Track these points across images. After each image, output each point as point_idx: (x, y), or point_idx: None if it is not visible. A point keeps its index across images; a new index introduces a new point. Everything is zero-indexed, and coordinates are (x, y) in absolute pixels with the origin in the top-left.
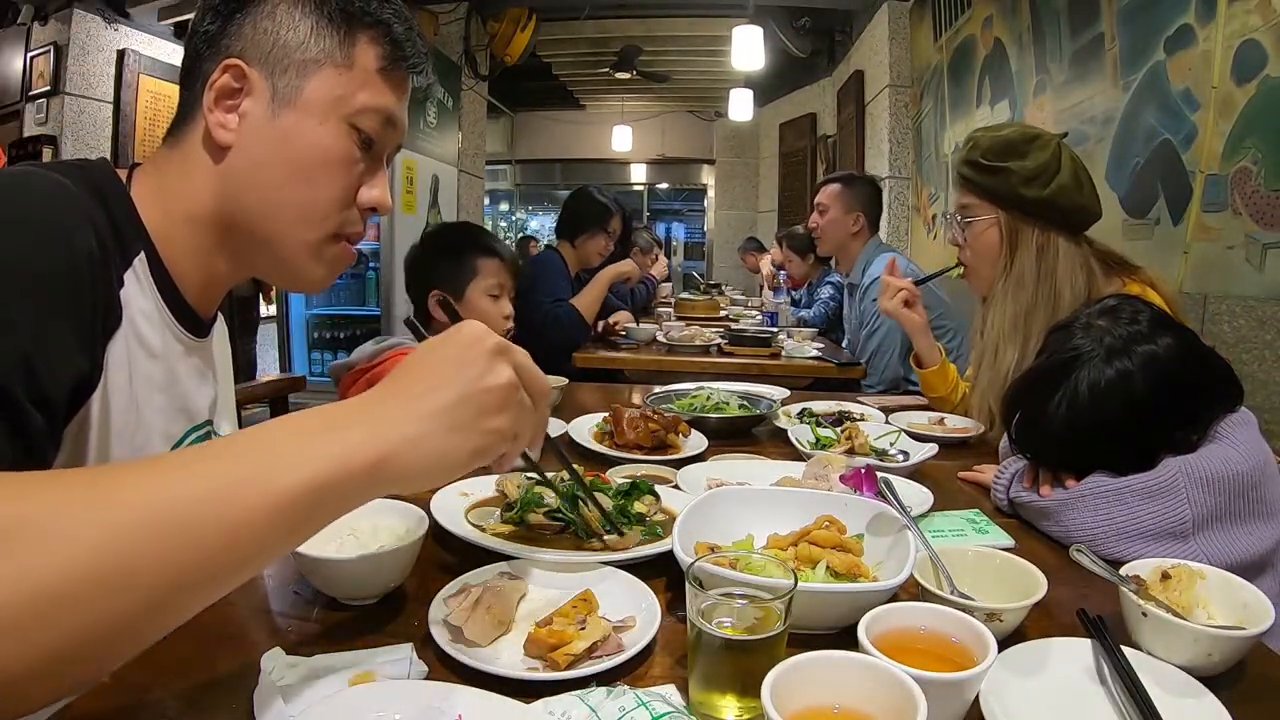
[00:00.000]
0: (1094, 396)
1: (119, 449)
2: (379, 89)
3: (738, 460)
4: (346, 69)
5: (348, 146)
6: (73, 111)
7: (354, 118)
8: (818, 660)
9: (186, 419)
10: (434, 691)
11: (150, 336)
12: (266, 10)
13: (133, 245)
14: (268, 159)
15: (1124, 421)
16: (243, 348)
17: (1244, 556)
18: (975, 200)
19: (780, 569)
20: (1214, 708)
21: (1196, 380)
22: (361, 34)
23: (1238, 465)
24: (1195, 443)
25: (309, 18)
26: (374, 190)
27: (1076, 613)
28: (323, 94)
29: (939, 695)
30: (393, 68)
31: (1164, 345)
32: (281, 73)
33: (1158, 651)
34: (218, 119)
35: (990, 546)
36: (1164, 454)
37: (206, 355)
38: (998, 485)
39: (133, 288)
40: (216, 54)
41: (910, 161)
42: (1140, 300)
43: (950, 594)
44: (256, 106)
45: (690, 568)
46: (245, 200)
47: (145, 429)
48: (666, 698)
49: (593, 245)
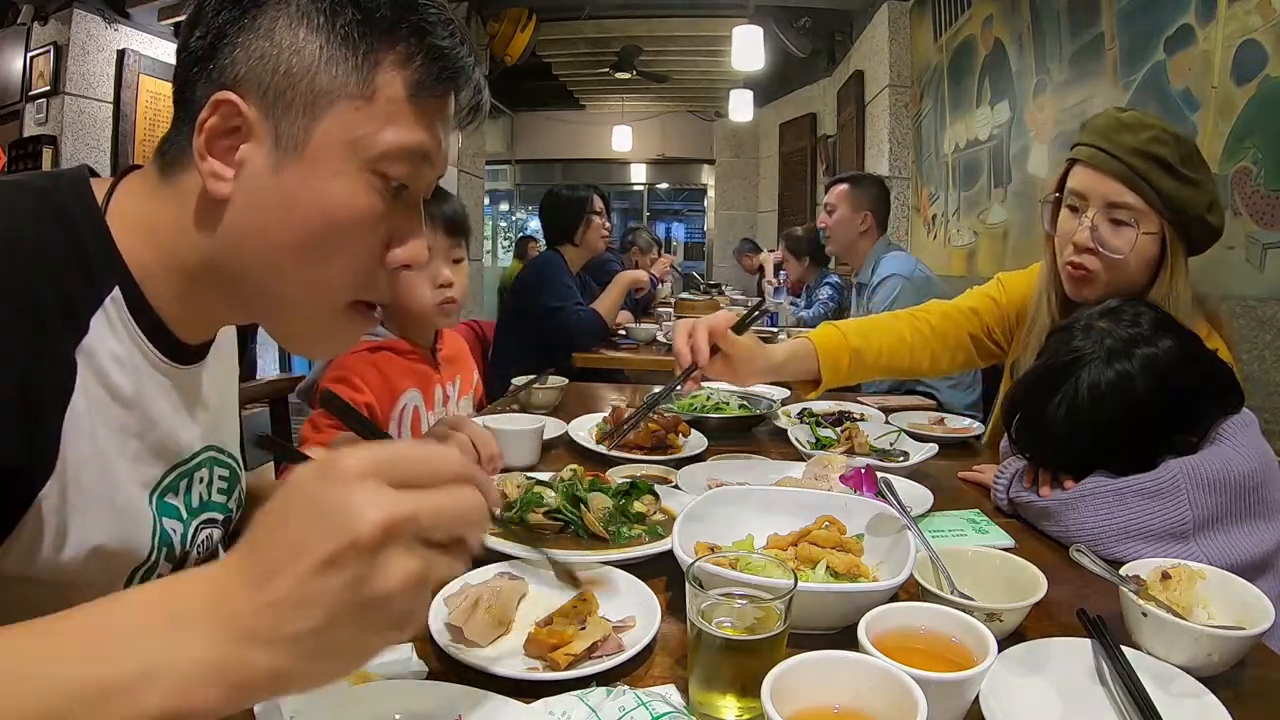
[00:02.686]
0: (1094, 398)
1: (96, 517)
2: (409, 122)
3: (738, 460)
4: (365, 102)
5: (369, 202)
6: (73, 111)
7: (378, 164)
8: (818, 660)
9: (165, 461)
10: (434, 691)
11: (121, 383)
12: (263, 28)
13: (105, 280)
14: (270, 222)
15: (1124, 423)
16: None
17: (1244, 557)
18: (1142, 204)
19: (780, 569)
20: (1214, 708)
21: (1197, 383)
22: (387, 53)
23: (1239, 466)
24: (1196, 444)
25: (316, 36)
26: (406, 247)
27: (1076, 613)
28: (336, 138)
29: (939, 695)
30: (429, 91)
31: (1164, 348)
32: (284, 110)
33: (1158, 651)
34: (211, 168)
35: (990, 547)
36: (1165, 455)
37: (196, 381)
38: (998, 485)
39: (100, 330)
40: (209, 81)
41: (910, 161)
42: (1143, 303)
43: (950, 594)
44: (256, 155)
45: (690, 568)
46: (245, 263)
47: (124, 486)
48: (666, 698)
49: (592, 233)
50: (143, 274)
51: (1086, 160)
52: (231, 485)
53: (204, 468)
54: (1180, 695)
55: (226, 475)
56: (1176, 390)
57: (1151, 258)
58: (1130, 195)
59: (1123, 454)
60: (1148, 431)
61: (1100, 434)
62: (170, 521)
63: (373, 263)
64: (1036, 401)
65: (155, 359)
